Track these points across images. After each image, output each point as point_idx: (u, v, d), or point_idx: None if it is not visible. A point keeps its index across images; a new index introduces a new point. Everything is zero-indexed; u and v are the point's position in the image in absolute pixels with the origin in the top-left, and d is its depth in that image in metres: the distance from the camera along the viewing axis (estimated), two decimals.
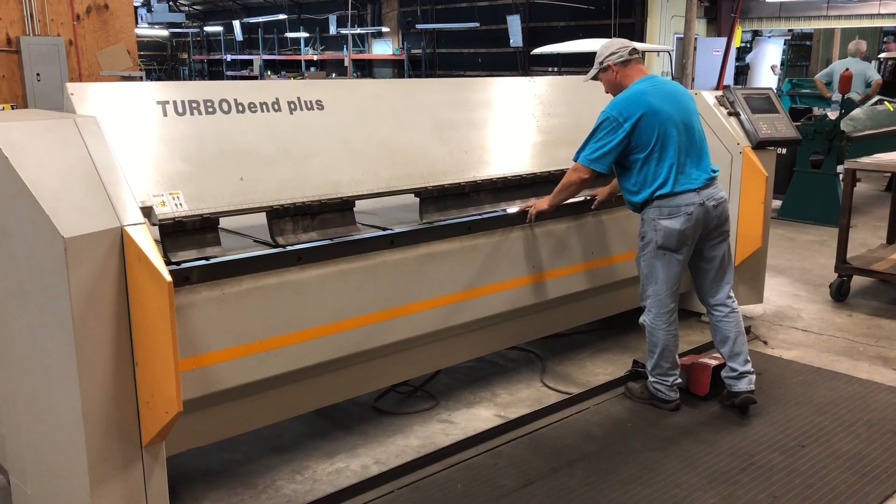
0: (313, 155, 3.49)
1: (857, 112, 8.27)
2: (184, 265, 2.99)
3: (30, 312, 2.65)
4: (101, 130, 2.77)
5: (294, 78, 21.85)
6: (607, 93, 3.99)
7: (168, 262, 2.96)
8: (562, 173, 4.32)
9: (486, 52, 21.96)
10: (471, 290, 3.91)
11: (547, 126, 4.52)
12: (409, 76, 23.25)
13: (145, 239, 2.62)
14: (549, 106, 4.63)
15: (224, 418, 3.24)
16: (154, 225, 2.97)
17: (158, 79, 25.93)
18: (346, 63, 24.29)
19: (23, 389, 2.79)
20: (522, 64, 20.44)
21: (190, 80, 26.98)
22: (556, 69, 17.86)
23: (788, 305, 5.68)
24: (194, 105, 3.26)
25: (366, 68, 25.73)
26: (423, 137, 3.92)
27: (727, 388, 3.95)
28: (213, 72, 29.91)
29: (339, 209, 3.46)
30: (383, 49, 25.28)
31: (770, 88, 5.37)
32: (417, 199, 3.76)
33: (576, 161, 3.86)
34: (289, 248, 3.27)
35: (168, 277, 2.54)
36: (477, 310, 3.96)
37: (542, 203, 3.97)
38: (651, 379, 3.95)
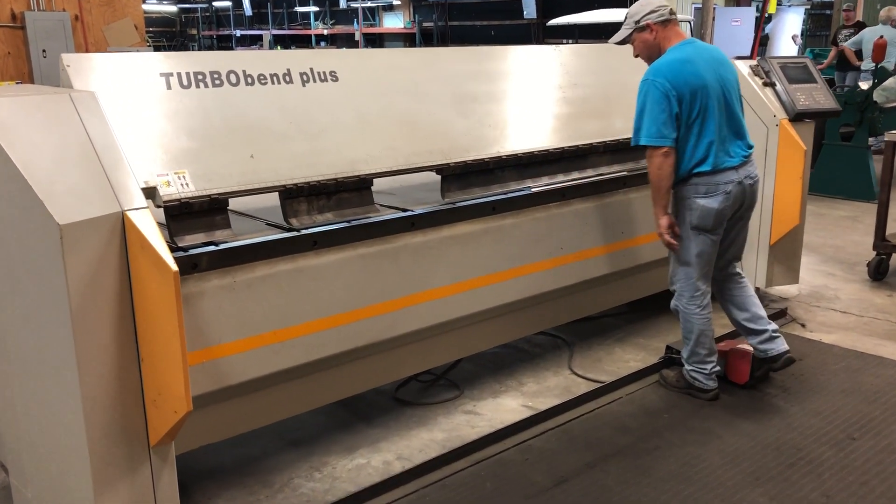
0: (328, 130, 3.26)
1: (890, 82, 7.93)
2: (192, 251, 2.78)
3: (25, 306, 2.45)
4: (99, 106, 2.55)
5: None
6: (637, 56, 3.70)
7: (174, 248, 2.75)
8: (591, 148, 4.09)
9: (500, 24, 21.57)
10: (496, 274, 3.68)
11: (574, 97, 4.26)
12: (421, 45, 22.85)
13: (149, 224, 2.40)
14: (575, 76, 4.37)
15: (237, 413, 3.05)
16: (158, 207, 2.76)
17: None
18: (357, 37, 23.97)
19: (20, 387, 2.60)
20: (536, 36, 20.06)
21: None
22: (570, 41, 17.48)
23: (824, 285, 5.43)
24: (200, 77, 3.03)
25: (377, 42, 25.38)
26: (443, 110, 3.68)
27: (762, 356, 3.73)
28: (223, 48, 29.61)
29: (357, 188, 3.23)
30: (394, 22, 24.92)
31: (808, 57, 5.08)
32: (437, 178, 3.53)
33: (636, 144, 3.54)
34: (304, 231, 3.05)
35: (174, 266, 2.33)
36: (502, 294, 3.73)
37: (657, 223, 3.61)
38: (687, 367, 3.73)
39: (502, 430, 3.38)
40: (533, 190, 3.79)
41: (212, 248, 2.82)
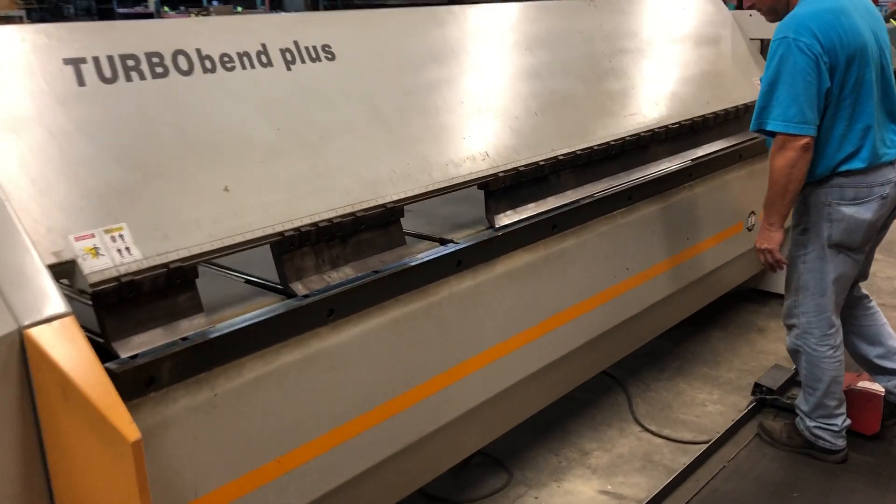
0: (332, 136, 2.16)
1: None
2: (142, 356, 1.66)
3: None
4: None
5: (198, 14, 19.62)
6: (752, 7, 2.72)
7: (112, 356, 1.64)
8: (652, 135, 3.12)
9: None
10: (558, 315, 2.70)
11: (621, 67, 3.25)
12: (324, 8, 21.26)
13: (75, 351, 1.30)
14: (615, 38, 3.35)
15: None
16: (82, 294, 1.63)
17: (41, 20, 22.99)
18: None
19: None
20: None
21: (75, 20, 24.07)
22: None
23: (873, 273, 4.66)
24: (131, 64, 1.87)
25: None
26: (477, 96, 2.61)
27: None
28: (102, 10, 26.94)
29: (382, 223, 2.16)
30: None
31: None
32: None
33: (759, 129, 2.56)
34: (313, 297, 1.96)
35: (135, 433, 1.24)
36: (566, 341, 2.76)
37: (767, 237, 2.66)
38: (809, 423, 2.84)
39: None
40: (596, 196, 2.80)
41: (177, 344, 1.72)
